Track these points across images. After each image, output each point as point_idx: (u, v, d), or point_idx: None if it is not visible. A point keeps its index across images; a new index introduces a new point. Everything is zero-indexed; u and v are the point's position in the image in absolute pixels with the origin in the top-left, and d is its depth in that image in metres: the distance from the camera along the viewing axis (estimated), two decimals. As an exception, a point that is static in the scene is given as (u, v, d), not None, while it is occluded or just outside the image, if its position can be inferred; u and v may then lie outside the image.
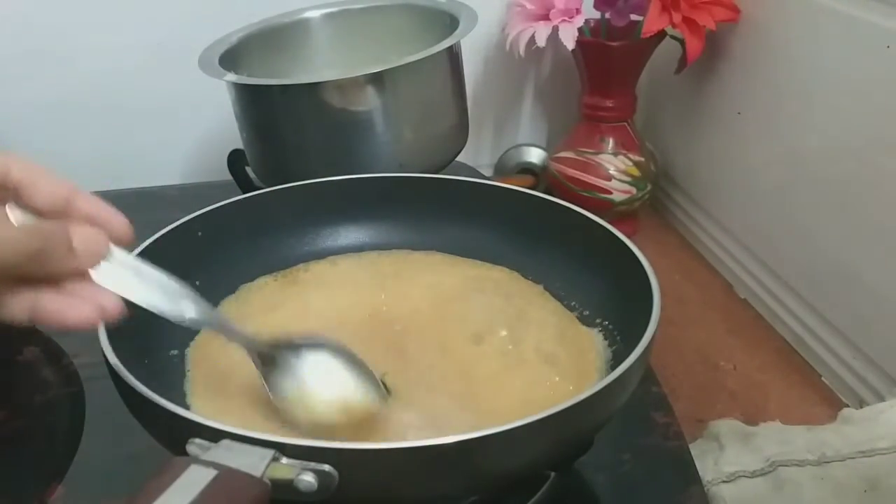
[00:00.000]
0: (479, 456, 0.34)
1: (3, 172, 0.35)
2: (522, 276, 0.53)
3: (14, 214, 0.34)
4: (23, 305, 0.35)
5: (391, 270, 0.54)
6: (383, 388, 0.42)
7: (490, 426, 0.33)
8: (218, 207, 0.52)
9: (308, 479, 0.32)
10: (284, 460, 0.32)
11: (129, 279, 0.37)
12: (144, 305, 0.37)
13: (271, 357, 0.41)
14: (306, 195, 0.55)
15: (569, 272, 0.51)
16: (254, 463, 0.32)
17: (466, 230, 0.55)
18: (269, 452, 0.32)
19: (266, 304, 0.51)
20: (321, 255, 0.55)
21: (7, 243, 0.33)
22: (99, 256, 0.36)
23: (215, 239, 0.51)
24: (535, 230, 0.53)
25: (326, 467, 0.32)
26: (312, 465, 0.32)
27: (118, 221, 0.37)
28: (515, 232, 0.54)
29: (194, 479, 0.30)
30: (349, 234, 0.56)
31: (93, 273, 0.36)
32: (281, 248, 0.54)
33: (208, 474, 0.30)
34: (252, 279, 0.53)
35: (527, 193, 0.54)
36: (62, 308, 0.35)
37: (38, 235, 0.34)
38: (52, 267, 0.34)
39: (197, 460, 0.31)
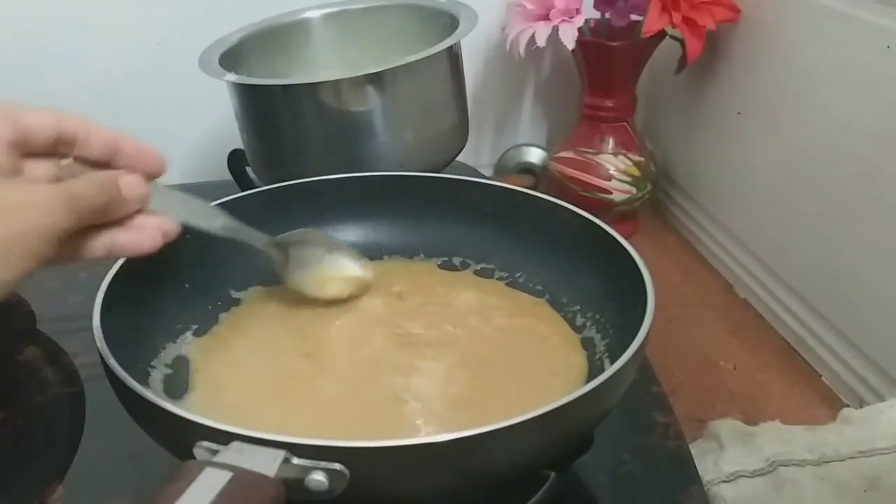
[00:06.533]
0: (491, 450, 0.34)
1: (59, 129, 0.41)
2: (519, 282, 0.53)
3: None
4: (102, 243, 0.41)
5: (384, 281, 0.54)
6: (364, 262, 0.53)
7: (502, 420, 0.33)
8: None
9: (319, 479, 0.32)
10: (295, 460, 0.32)
11: (172, 205, 0.44)
12: (187, 224, 0.45)
13: (284, 253, 0.50)
14: (303, 194, 0.55)
15: (567, 271, 0.51)
16: (266, 464, 0.32)
17: (466, 230, 0.55)
18: (281, 453, 0.32)
19: (269, 310, 0.52)
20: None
21: (90, 200, 0.39)
22: (143, 200, 0.42)
23: (208, 241, 0.50)
24: (535, 230, 0.53)
25: (337, 466, 0.32)
26: (323, 464, 0.32)
27: (155, 158, 0.44)
28: (515, 232, 0.54)
29: (210, 481, 0.30)
30: (347, 234, 0.56)
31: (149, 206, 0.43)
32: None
33: (224, 476, 0.30)
34: (251, 281, 0.53)
35: (527, 194, 0.54)
36: (133, 240, 0.42)
37: (105, 190, 0.40)
38: (112, 214, 0.41)
39: (211, 463, 0.31)
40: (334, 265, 0.52)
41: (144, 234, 0.42)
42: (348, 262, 0.52)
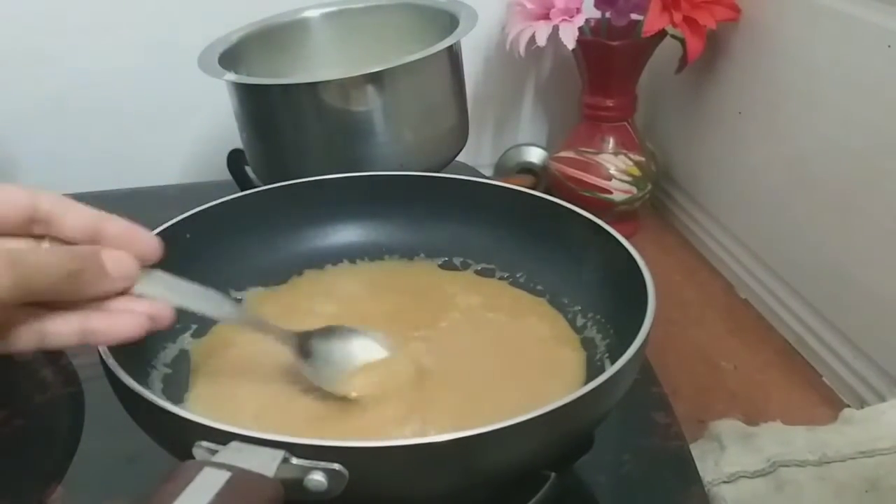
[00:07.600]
0: (491, 450, 0.34)
1: (32, 206, 0.36)
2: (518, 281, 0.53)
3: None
4: (71, 328, 0.35)
5: (385, 282, 0.54)
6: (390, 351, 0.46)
7: (501, 420, 0.33)
8: (207, 208, 0.51)
9: (318, 479, 0.32)
10: (294, 460, 0.32)
11: (164, 292, 0.38)
12: (184, 308, 0.39)
13: (306, 347, 0.44)
14: (303, 194, 0.55)
15: (567, 271, 0.51)
16: (265, 464, 0.31)
17: (466, 230, 0.55)
18: (280, 453, 0.32)
19: (269, 310, 0.51)
20: (317, 257, 0.55)
21: (43, 267, 0.33)
22: (131, 278, 0.37)
23: (207, 241, 0.50)
24: (535, 230, 0.53)
25: (336, 466, 0.32)
26: (322, 464, 0.32)
27: (147, 240, 0.38)
28: (515, 232, 0.54)
29: (209, 481, 0.30)
30: (347, 234, 0.56)
31: (134, 288, 0.37)
32: (278, 249, 0.54)
33: (222, 476, 0.30)
34: (251, 281, 0.53)
35: (527, 193, 0.54)
36: (111, 325, 0.36)
37: (73, 258, 0.35)
38: (87, 289, 0.35)
39: (209, 462, 0.31)
40: (362, 360, 0.45)
41: (126, 318, 0.36)
42: (376, 355, 0.46)
